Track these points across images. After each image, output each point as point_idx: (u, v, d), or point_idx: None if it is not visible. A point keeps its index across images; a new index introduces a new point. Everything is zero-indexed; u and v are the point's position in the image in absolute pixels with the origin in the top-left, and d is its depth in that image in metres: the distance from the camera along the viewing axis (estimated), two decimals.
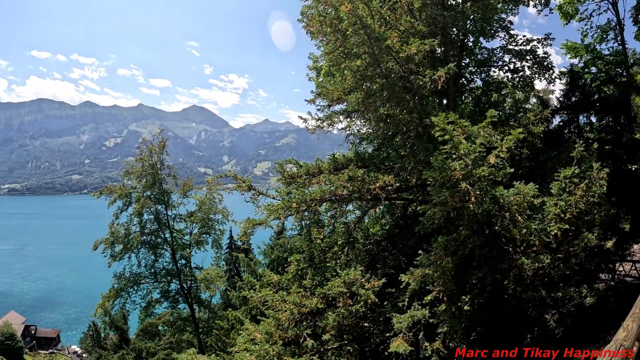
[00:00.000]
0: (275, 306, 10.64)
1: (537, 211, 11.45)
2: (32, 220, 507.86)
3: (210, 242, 54.45)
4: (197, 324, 51.14)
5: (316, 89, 17.05)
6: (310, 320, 10.55)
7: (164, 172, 51.15)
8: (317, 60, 25.14)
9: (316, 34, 15.72)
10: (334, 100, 14.74)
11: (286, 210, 12.18)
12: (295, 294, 10.73)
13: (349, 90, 13.86)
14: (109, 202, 49.30)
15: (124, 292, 50.30)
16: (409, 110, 12.93)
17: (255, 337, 10.43)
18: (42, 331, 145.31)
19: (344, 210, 13.69)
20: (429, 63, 14.08)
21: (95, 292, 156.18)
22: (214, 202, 52.80)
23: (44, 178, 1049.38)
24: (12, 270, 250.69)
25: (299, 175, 12.03)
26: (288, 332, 10.21)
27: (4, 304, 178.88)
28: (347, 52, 12.68)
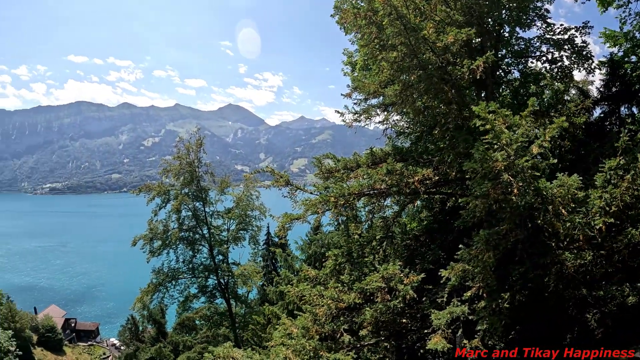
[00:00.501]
0: (312, 301, 10.52)
1: (581, 204, 11.07)
2: (73, 218, 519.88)
3: (248, 239, 54.80)
4: (234, 319, 51.57)
5: (352, 83, 16.82)
6: (347, 316, 10.41)
7: (201, 169, 51.63)
8: (352, 55, 24.93)
9: (350, 28, 15.48)
10: (371, 93, 14.50)
11: (324, 204, 12.03)
12: (333, 288, 10.59)
13: (385, 83, 13.63)
14: (147, 199, 50.05)
15: (162, 286, 51.11)
16: (448, 102, 12.64)
17: (292, 332, 10.34)
18: (81, 324, 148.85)
19: (382, 204, 13.50)
20: (466, 53, 13.74)
21: (133, 287, 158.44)
22: (251, 198, 53.06)
23: (84, 177, 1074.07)
24: (53, 266, 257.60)
25: (336, 169, 11.85)
26: (325, 327, 10.08)
27: (45, 298, 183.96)
28: (383, 44, 12.46)
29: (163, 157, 55.53)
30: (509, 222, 10.18)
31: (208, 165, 52.84)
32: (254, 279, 51.41)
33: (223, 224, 53.51)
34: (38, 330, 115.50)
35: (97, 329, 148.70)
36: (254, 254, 59.29)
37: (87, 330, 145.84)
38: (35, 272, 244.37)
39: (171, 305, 53.02)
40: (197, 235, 52.45)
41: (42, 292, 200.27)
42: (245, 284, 52.51)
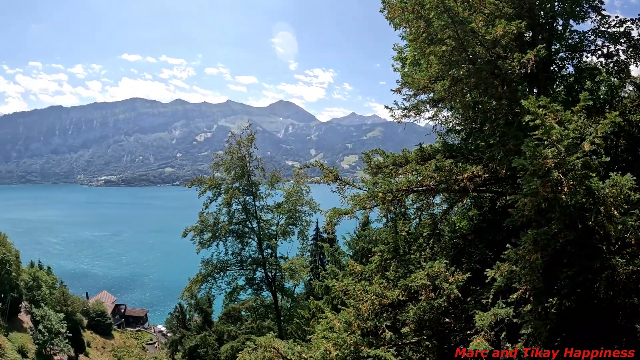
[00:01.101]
0: (356, 296, 10.46)
1: (635, 206, 10.59)
2: (127, 209, 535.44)
3: (297, 233, 55.07)
4: (279, 312, 51.93)
5: (402, 78, 16.59)
6: (390, 312, 10.30)
7: (252, 164, 52.08)
8: (402, 51, 24.67)
9: (399, 23, 15.23)
10: (420, 89, 14.24)
11: (372, 200, 11.95)
12: (378, 284, 10.50)
13: (434, 78, 13.37)
14: (199, 192, 50.91)
15: (211, 277, 51.94)
16: (498, 97, 12.32)
17: (334, 326, 10.32)
18: (131, 310, 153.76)
19: (431, 202, 13.31)
20: (517, 47, 13.34)
21: (182, 277, 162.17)
22: (301, 194, 53.19)
23: (138, 170, 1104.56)
24: (107, 254, 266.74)
25: (385, 165, 11.73)
26: (367, 323, 10.01)
27: (98, 284, 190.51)
28: (431, 38, 12.25)
29: (215, 152, 56.27)
30: (559, 222, 9.84)
31: (259, 160, 53.28)
32: (301, 273, 51.61)
33: (272, 218, 53.81)
34: (89, 314, 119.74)
35: (146, 316, 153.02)
36: (302, 249, 59.63)
37: (136, 317, 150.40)
38: (89, 260, 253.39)
39: (218, 296, 53.89)
40: (246, 228, 52.98)
41: (95, 279, 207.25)
42: (292, 277, 52.85)
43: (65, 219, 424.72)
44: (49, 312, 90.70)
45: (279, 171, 56.31)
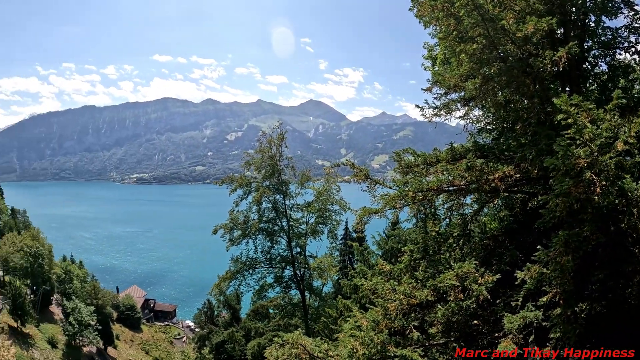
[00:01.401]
0: (384, 295, 10.42)
1: None
2: (158, 206, 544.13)
3: (326, 232, 55.09)
4: (307, 310, 51.94)
5: (432, 77, 16.41)
6: (418, 313, 10.22)
7: (282, 163, 52.20)
8: (432, 49, 24.47)
9: (429, 21, 15.08)
10: (451, 87, 14.08)
11: (402, 199, 11.87)
12: (406, 284, 10.43)
13: (465, 76, 13.22)
14: (229, 190, 51.22)
15: (240, 274, 52.22)
16: (529, 96, 12.10)
17: (362, 325, 10.30)
18: (160, 305, 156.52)
19: (461, 202, 13.17)
20: (549, 44, 13.09)
21: (211, 273, 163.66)
22: (331, 192, 53.18)
23: (169, 169, 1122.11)
24: (138, 250, 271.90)
25: (415, 164, 11.64)
26: (395, 322, 9.95)
27: (128, 278, 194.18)
28: (462, 36, 12.09)
29: (245, 151, 56.65)
30: (590, 223, 9.62)
31: (289, 159, 53.38)
32: (329, 272, 51.60)
33: (302, 217, 53.83)
34: (118, 308, 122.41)
35: (174, 311, 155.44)
36: (331, 248, 59.39)
37: (165, 311, 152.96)
38: (120, 255, 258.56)
39: (247, 293, 54.27)
40: (276, 226, 53.11)
41: (126, 274, 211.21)
42: (320, 276, 52.91)
43: (97, 215, 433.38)
44: (80, 304, 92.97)
45: (309, 170, 56.34)
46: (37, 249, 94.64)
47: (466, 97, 14.53)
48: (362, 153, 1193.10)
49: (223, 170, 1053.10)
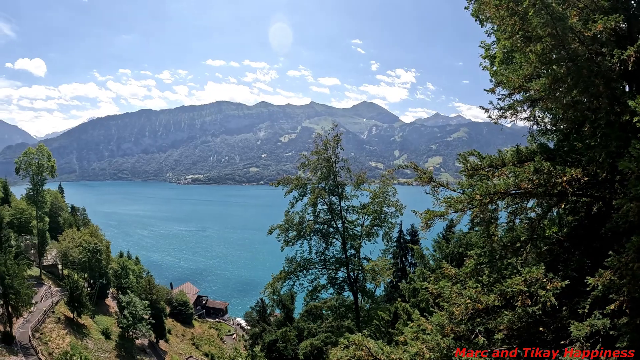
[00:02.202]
0: (451, 299, 10.26)
1: None
2: (213, 206, 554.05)
3: (381, 235, 54.79)
4: (359, 313, 51.81)
5: (494, 77, 16.05)
6: (483, 318, 10.01)
7: (338, 165, 52.23)
8: (489, 48, 24.01)
9: (491, 19, 14.72)
10: (515, 88, 13.66)
11: (469, 202, 11.64)
12: (472, 288, 10.25)
13: (529, 77, 12.86)
14: (285, 191, 51.53)
15: (294, 275, 52.53)
16: (598, 96, 11.70)
17: (427, 328, 10.17)
18: (212, 302, 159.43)
19: (525, 206, 12.83)
20: (615, 42, 12.59)
21: (262, 273, 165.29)
22: (387, 195, 52.89)
23: (224, 170, 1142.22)
24: (192, 248, 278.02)
25: (481, 167, 11.37)
26: (460, 327, 9.80)
27: (182, 275, 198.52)
28: (528, 36, 11.76)
29: (301, 152, 56.89)
30: None
31: (345, 161, 53.35)
32: (383, 274, 51.25)
33: (357, 219, 53.73)
34: (172, 303, 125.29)
35: (226, 308, 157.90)
36: (385, 251, 59.03)
37: (217, 308, 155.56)
38: (175, 252, 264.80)
39: (300, 293, 54.55)
40: (331, 228, 53.11)
41: (180, 271, 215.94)
42: (374, 279, 52.68)
43: (154, 214, 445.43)
44: (135, 299, 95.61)
45: (364, 172, 56.16)
46: (95, 244, 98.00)
47: (532, 98, 14.08)
48: (416, 155, 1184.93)
49: (277, 171, 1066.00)
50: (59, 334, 76.03)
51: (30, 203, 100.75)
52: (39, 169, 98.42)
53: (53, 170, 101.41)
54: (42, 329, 74.22)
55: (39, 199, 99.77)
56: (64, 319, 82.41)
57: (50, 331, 75.33)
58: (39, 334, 72.43)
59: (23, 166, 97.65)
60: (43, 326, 75.41)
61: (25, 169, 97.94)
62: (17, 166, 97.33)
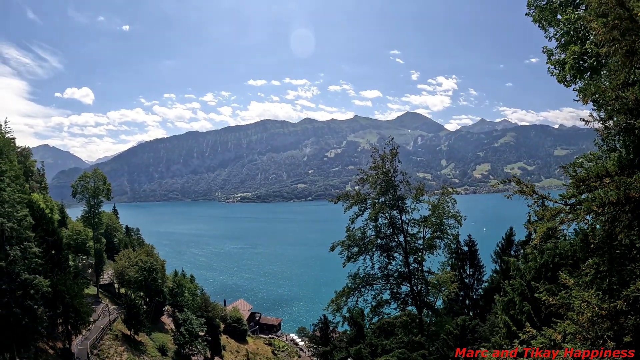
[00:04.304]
0: (578, 308, 10.50)
1: None
2: (262, 223, 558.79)
3: (442, 247, 54.56)
4: (422, 326, 51.54)
5: (583, 88, 16.05)
6: (606, 323, 10.20)
7: (397, 178, 52.38)
8: (552, 53, 24.16)
9: (603, 38, 14.46)
10: (613, 99, 13.67)
11: (588, 213, 11.74)
12: (594, 296, 10.50)
13: (624, 85, 12.85)
14: (345, 207, 51.87)
15: (357, 290, 52.74)
16: None
17: (556, 338, 10.44)
18: (265, 318, 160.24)
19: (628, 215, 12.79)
20: None
21: (314, 288, 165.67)
22: (446, 206, 52.73)
23: (272, 187, 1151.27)
24: (244, 265, 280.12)
25: (588, 177, 11.55)
26: (589, 333, 10.04)
27: (235, 292, 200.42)
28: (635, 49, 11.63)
29: (359, 167, 57.21)
30: None
31: (404, 174, 53.45)
32: (449, 287, 50.82)
33: (419, 232, 53.66)
34: (226, 320, 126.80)
35: (279, 324, 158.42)
36: (444, 263, 58.56)
37: (270, 325, 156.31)
38: (227, 270, 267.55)
39: (365, 309, 54.71)
40: (393, 242, 53.22)
41: (233, 288, 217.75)
42: (440, 292, 52.40)
43: (205, 232, 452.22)
44: (191, 316, 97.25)
45: (423, 184, 56.13)
46: (151, 263, 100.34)
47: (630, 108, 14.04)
48: (463, 163, 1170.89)
49: (324, 186, 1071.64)
50: (117, 351, 77.76)
51: (87, 225, 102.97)
52: (95, 192, 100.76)
53: (109, 192, 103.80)
54: (100, 346, 75.81)
55: (95, 221, 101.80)
56: (121, 336, 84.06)
57: (108, 348, 76.97)
58: (97, 350, 73.94)
59: (79, 189, 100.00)
60: (101, 343, 76.99)
61: (81, 192, 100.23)
62: (74, 190, 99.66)
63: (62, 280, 64.95)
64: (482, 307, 58.07)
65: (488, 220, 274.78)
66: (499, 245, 61.09)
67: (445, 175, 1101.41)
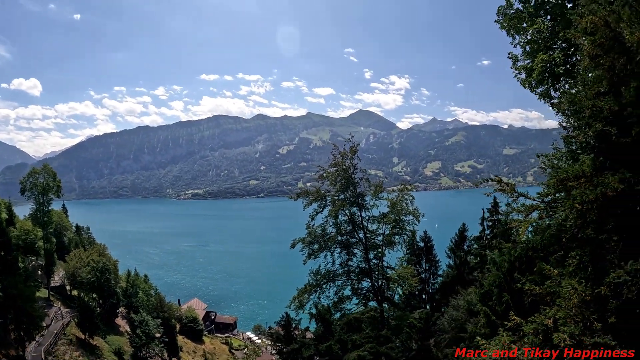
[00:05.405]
0: (566, 295, 11.42)
1: None
2: (215, 220, 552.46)
3: (401, 243, 55.73)
4: (384, 321, 52.48)
5: (564, 96, 16.73)
6: (596, 306, 11.14)
7: (357, 175, 53.09)
8: (517, 59, 25.56)
9: (591, 53, 15.28)
10: (588, 108, 14.60)
11: (571, 210, 12.61)
12: (579, 284, 11.48)
13: (600, 94, 13.75)
14: (305, 204, 52.27)
15: (319, 287, 53.32)
16: None
17: (547, 323, 11.30)
18: (221, 317, 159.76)
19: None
20: None
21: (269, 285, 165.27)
22: (405, 203, 53.78)
23: (224, 184, 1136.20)
24: (198, 264, 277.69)
25: (567, 178, 12.52)
26: (578, 317, 10.96)
27: (189, 291, 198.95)
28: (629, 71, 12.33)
29: (318, 165, 57.57)
30: None
31: (364, 171, 54.23)
32: (410, 281, 51.72)
33: (378, 228, 54.49)
34: (181, 320, 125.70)
35: (235, 323, 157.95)
36: (401, 259, 59.81)
37: (226, 323, 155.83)
38: (181, 269, 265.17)
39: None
40: (353, 239, 53.85)
41: (187, 287, 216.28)
42: (401, 287, 53.42)
43: (157, 230, 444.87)
44: (147, 317, 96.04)
45: (382, 181, 57.10)
46: (104, 263, 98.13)
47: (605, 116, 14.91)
48: (415, 161, 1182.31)
49: (276, 183, 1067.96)
50: (72, 356, 76.02)
51: (36, 224, 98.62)
52: (45, 189, 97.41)
53: (59, 189, 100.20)
54: (54, 352, 73.83)
55: (44, 220, 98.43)
56: (75, 340, 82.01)
57: (62, 353, 75.05)
58: (52, 357, 72.15)
59: (28, 186, 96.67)
60: (55, 348, 74.97)
61: (30, 189, 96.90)
62: (23, 187, 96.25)
63: (13, 283, 62.32)
64: (438, 300, 59.62)
65: (439, 217, 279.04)
66: (453, 240, 62.68)
67: (397, 172, 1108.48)
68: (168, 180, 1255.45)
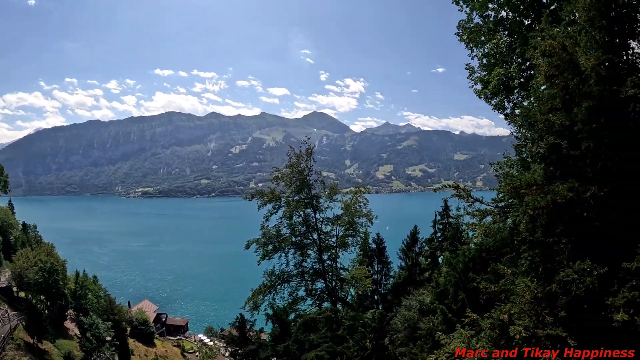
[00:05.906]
0: (520, 292, 12.36)
1: None
2: (165, 219, 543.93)
3: (355, 244, 56.57)
4: (339, 321, 52.49)
5: (521, 110, 17.58)
6: (547, 302, 12.10)
7: (312, 177, 53.69)
8: (474, 71, 26.74)
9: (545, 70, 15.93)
10: (540, 122, 15.47)
11: (523, 215, 13.57)
12: (530, 282, 12.46)
13: (552, 109, 14.70)
14: (259, 204, 52.52)
15: (273, 288, 53.64)
16: None
17: (503, 318, 12.20)
18: (172, 319, 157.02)
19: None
20: None
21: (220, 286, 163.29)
22: (359, 205, 54.61)
23: (174, 182, 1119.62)
24: (148, 264, 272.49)
25: (521, 186, 13.47)
26: (531, 312, 11.90)
27: (139, 293, 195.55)
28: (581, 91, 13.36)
29: (274, 166, 57.91)
30: None
31: (319, 173, 54.82)
32: (363, 282, 52.51)
33: (332, 230, 55.08)
34: (132, 323, 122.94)
35: (187, 325, 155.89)
36: (354, 260, 60.72)
37: (177, 325, 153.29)
38: (130, 269, 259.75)
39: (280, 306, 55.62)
40: (307, 240, 54.25)
41: (136, 288, 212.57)
42: (355, 287, 54.20)
43: (106, 229, 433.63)
44: (97, 320, 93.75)
45: (336, 183, 57.90)
46: (52, 264, 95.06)
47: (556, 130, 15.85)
48: (367, 164, 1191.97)
49: (228, 183, 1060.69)
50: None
51: None
52: None
53: (6, 185, 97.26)
54: (2, 357, 71.85)
55: None
56: (23, 345, 79.52)
57: (11, 359, 73.43)
58: None
59: None
60: (3, 354, 72.38)
61: None
62: None
63: None
64: (390, 301, 60.73)
65: (390, 219, 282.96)
66: (404, 242, 63.97)
67: (349, 175, 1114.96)
68: (118, 177, 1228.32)
